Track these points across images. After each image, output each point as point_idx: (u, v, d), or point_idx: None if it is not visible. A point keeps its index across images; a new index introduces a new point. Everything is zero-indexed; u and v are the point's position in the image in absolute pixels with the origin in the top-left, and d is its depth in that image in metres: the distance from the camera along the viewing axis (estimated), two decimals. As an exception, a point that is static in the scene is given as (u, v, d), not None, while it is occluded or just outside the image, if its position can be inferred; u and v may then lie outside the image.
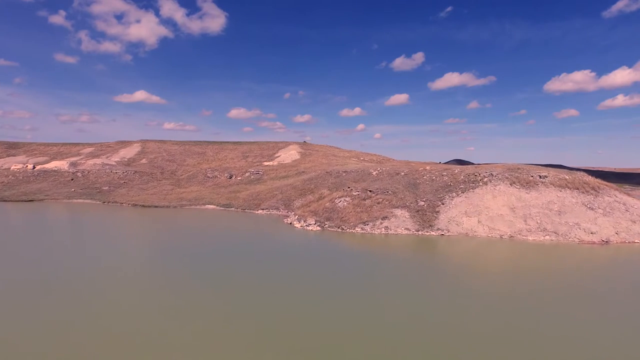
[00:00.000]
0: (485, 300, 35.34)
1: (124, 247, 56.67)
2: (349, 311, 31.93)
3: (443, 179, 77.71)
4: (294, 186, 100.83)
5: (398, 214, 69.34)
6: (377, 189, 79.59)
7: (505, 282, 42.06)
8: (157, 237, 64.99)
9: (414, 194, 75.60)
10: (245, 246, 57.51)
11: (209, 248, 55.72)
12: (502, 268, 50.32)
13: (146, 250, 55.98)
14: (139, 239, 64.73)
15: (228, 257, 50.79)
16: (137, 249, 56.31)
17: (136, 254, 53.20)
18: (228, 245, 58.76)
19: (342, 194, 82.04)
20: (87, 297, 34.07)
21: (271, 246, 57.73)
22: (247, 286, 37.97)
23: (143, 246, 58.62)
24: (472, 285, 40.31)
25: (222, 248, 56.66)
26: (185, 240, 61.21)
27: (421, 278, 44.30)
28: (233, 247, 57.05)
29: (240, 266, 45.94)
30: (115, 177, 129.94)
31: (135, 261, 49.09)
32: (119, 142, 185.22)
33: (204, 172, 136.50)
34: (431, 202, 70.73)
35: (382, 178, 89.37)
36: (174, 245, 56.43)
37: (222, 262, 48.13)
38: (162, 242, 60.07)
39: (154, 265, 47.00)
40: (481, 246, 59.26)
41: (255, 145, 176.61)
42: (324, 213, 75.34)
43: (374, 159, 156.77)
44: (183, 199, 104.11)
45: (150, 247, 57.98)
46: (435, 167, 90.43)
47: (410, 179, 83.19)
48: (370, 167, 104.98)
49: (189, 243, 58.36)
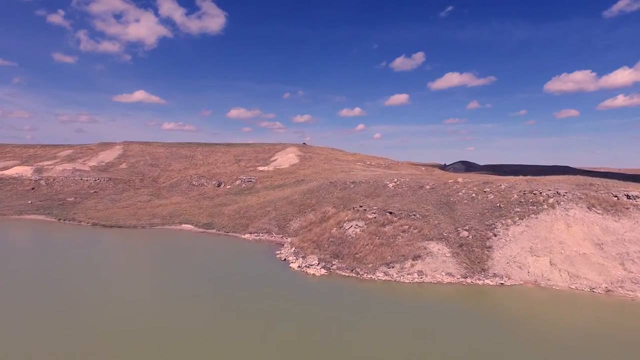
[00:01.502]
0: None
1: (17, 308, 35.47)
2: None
3: (487, 198, 56.69)
4: (291, 200, 79.71)
5: (434, 249, 48.34)
6: (400, 210, 58.55)
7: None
8: (77, 290, 43.79)
9: (450, 218, 54.59)
10: (209, 313, 36.37)
11: (146, 318, 34.56)
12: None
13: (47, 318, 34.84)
14: (52, 293, 43.52)
15: (175, 333, 29.75)
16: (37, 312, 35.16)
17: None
18: (181, 308, 37.53)
19: (353, 215, 60.98)
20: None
21: (252, 313, 36.48)
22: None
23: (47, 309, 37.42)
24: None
25: (167, 316, 35.49)
26: (117, 295, 40.09)
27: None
28: (187, 315, 35.87)
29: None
30: (84, 185, 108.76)
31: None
32: (101, 144, 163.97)
33: (189, 180, 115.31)
34: (478, 233, 49.72)
35: (402, 193, 68.31)
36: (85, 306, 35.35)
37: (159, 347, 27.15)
38: (76, 300, 38.88)
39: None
40: (567, 307, 38.27)
41: (250, 147, 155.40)
42: (329, 245, 54.31)
43: (381, 163, 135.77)
44: (156, 216, 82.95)
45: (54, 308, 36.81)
46: (470, 179, 69.35)
47: (441, 196, 62.15)
48: (383, 176, 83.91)
49: (119, 302, 37.26)
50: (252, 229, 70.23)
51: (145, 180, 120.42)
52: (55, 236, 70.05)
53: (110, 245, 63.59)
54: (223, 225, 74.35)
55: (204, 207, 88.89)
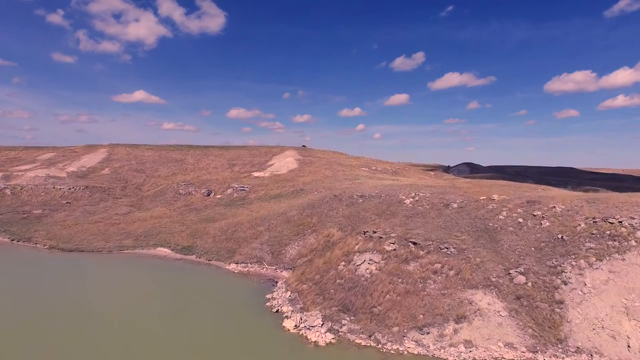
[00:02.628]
0: None
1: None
2: None
3: (542, 226, 42.57)
4: (287, 218, 65.56)
5: (482, 303, 34.30)
6: (427, 239, 44.54)
7: None
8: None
9: (495, 253, 40.52)
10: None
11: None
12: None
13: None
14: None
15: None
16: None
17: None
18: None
19: (365, 244, 46.98)
20: None
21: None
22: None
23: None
24: None
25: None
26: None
27: None
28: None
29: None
30: (56, 195, 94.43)
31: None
32: (86, 147, 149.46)
33: (175, 188, 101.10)
34: (539, 278, 35.68)
35: (424, 213, 54.23)
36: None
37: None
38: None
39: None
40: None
41: (245, 150, 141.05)
42: (336, 289, 40.24)
43: (387, 169, 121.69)
44: (129, 235, 68.74)
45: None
46: (506, 194, 55.09)
47: (475, 219, 48.12)
48: (396, 188, 69.75)
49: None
50: (239, 257, 56.07)
51: (128, 188, 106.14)
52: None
53: (48, 285, 49.19)
54: (205, 250, 60.21)
55: (187, 223, 74.76)
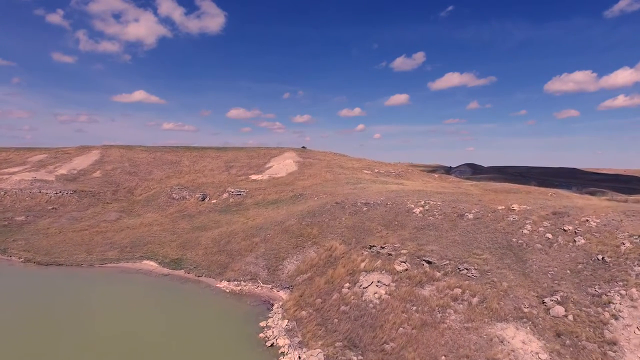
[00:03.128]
0: None
1: None
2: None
3: (576, 244, 36.65)
4: (285, 227, 59.67)
5: (515, 342, 28.39)
6: (442, 257, 38.72)
7: None
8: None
9: (524, 276, 34.62)
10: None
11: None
12: None
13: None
14: None
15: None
16: None
17: None
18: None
19: (372, 261, 41.20)
20: None
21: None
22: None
23: None
24: None
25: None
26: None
27: None
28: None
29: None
30: (42, 200, 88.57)
31: None
32: (79, 148, 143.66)
33: (168, 192, 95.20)
34: (582, 310, 29.77)
35: (436, 224, 48.33)
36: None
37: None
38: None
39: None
40: None
41: (243, 152, 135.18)
42: (341, 318, 34.35)
43: (391, 171, 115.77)
44: (115, 245, 62.86)
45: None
46: (527, 204, 49.06)
47: (495, 233, 42.27)
48: (403, 194, 63.82)
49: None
50: (231, 273, 50.14)
51: (119, 192, 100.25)
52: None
53: (5, 308, 43.40)
54: (195, 264, 54.33)
55: (179, 232, 68.94)
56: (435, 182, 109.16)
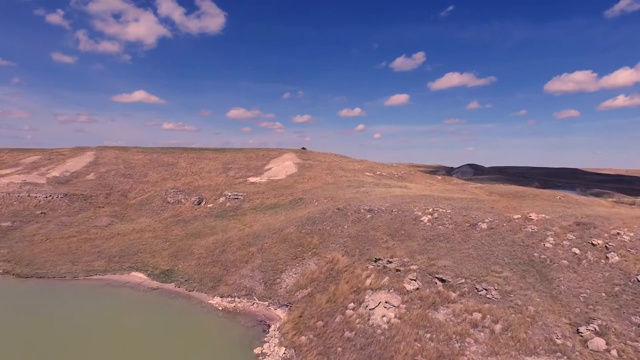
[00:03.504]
0: None
1: None
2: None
3: (608, 261, 32.46)
4: (284, 236, 55.47)
5: (550, 382, 24.29)
6: (457, 275, 34.57)
7: None
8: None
9: (551, 298, 30.43)
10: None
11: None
12: None
13: None
14: None
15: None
16: None
17: None
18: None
19: (379, 278, 37.07)
20: None
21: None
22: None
23: None
24: None
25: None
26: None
27: None
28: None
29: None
30: (30, 204, 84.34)
31: None
32: (74, 149, 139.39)
33: (163, 196, 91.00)
34: (625, 340, 25.61)
35: (447, 235, 44.14)
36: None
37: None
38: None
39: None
40: None
41: (242, 153, 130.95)
42: (345, 347, 30.16)
43: (393, 173, 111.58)
44: (103, 254, 58.65)
45: None
46: (545, 212, 44.87)
47: (513, 246, 38.08)
48: (408, 199, 59.59)
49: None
50: (225, 288, 45.87)
51: (113, 195, 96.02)
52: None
53: None
54: (187, 276, 50.10)
55: (172, 239, 64.77)
56: (440, 185, 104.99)
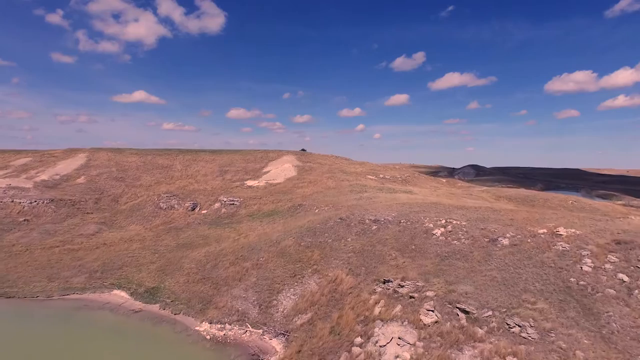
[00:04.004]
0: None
1: None
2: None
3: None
4: (282, 249, 50.10)
5: None
6: (483, 304, 29.23)
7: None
8: None
9: (601, 338, 25.13)
10: None
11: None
12: None
13: None
14: None
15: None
16: None
17: None
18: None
19: (389, 306, 31.77)
20: None
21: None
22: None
23: None
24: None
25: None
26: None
27: None
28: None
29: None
30: (14, 210, 78.93)
31: None
32: (67, 151, 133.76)
33: (156, 201, 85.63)
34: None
35: (464, 252, 38.81)
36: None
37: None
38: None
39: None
40: None
41: (239, 155, 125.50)
42: (353, 400, 24.86)
43: (397, 176, 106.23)
44: (84, 268, 53.28)
45: None
46: (575, 227, 39.58)
47: (544, 267, 32.74)
48: (417, 208, 54.21)
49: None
50: (215, 312, 40.47)
51: (102, 201, 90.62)
52: None
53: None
54: (174, 296, 44.72)
55: (161, 250, 59.44)
56: (445, 189, 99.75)
